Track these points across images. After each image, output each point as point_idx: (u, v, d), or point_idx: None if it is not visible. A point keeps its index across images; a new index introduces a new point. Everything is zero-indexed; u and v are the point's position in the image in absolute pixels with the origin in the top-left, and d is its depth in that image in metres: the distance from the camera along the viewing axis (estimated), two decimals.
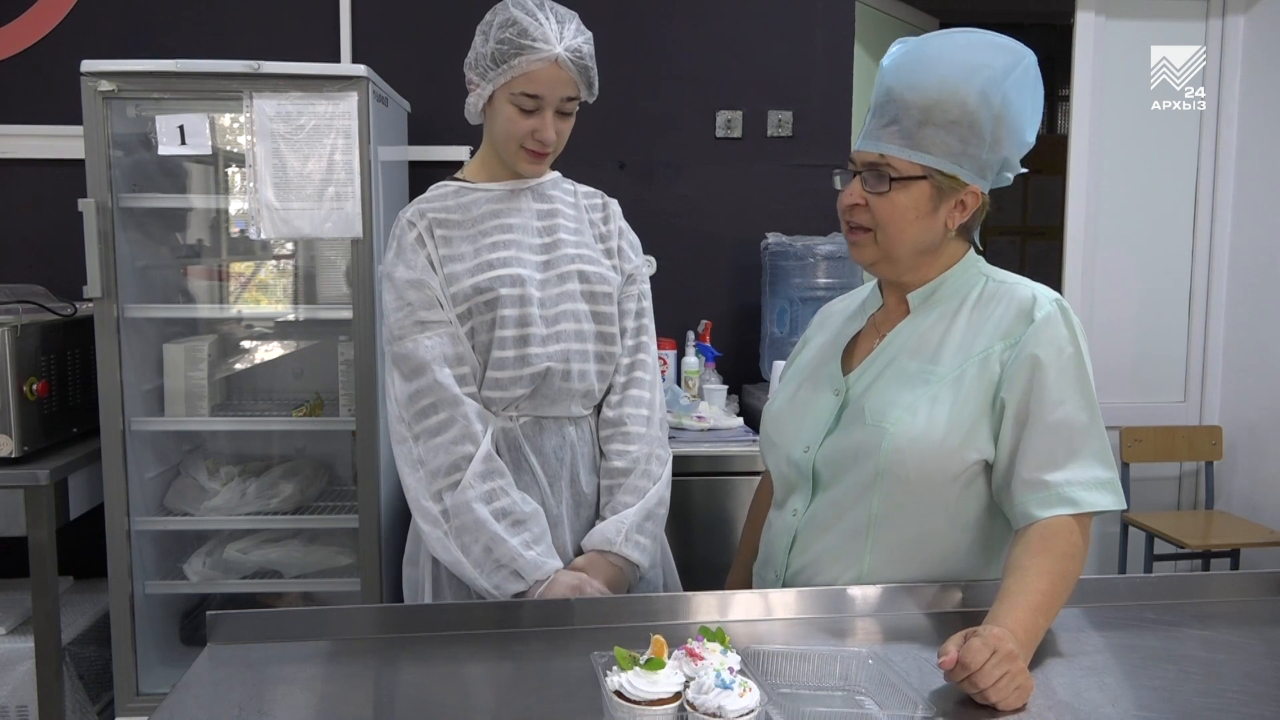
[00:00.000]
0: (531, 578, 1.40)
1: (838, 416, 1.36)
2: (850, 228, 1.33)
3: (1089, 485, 1.22)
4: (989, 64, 1.25)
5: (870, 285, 1.48)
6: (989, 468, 1.28)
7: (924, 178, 1.26)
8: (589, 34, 1.47)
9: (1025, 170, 1.34)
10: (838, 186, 1.34)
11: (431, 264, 1.47)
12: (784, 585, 1.38)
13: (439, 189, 1.54)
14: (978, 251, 1.38)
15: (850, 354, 1.41)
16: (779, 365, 2.75)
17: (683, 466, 2.43)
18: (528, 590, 1.40)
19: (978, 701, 1.05)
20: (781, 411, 1.45)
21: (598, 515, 1.54)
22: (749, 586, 1.56)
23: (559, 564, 1.44)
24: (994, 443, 1.26)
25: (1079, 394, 1.24)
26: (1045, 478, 1.22)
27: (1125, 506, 1.26)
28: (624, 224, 1.63)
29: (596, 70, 1.49)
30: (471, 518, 1.40)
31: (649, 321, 1.61)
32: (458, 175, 1.56)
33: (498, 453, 1.48)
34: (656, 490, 1.53)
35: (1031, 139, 1.30)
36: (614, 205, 1.63)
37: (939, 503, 1.29)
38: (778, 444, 1.43)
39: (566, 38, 1.42)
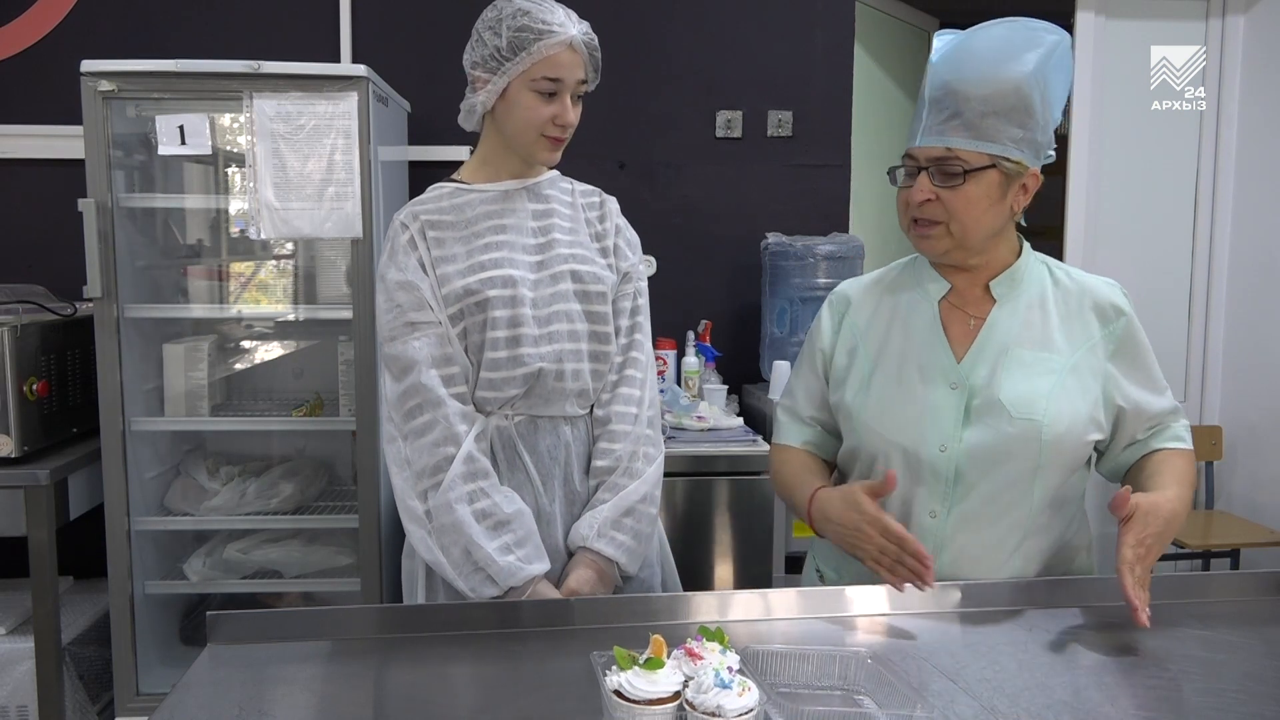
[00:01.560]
0: (505, 584, 1.40)
1: (965, 411, 1.36)
2: (917, 222, 1.36)
3: (1186, 433, 1.44)
4: (1036, 49, 1.31)
5: (900, 265, 1.51)
6: (1095, 450, 1.42)
7: (992, 166, 1.31)
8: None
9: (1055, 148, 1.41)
10: (894, 184, 1.39)
11: (423, 266, 1.47)
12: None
13: (434, 190, 1.54)
14: (1020, 229, 1.44)
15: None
16: (779, 365, 2.75)
17: (683, 466, 2.42)
18: (503, 595, 1.40)
19: (1125, 541, 1.22)
20: (887, 405, 1.41)
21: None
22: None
23: (544, 566, 1.44)
24: (1105, 420, 1.38)
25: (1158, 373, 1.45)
26: (1159, 425, 1.41)
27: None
28: (622, 221, 1.62)
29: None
30: (451, 519, 1.40)
31: (644, 319, 1.60)
32: (454, 176, 1.56)
33: (492, 451, 1.48)
34: (638, 487, 1.51)
35: (1059, 115, 1.36)
36: (611, 203, 1.62)
37: (1073, 486, 1.40)
38: (895, 441, 1.39)
39: (575, 22, 1.46)
